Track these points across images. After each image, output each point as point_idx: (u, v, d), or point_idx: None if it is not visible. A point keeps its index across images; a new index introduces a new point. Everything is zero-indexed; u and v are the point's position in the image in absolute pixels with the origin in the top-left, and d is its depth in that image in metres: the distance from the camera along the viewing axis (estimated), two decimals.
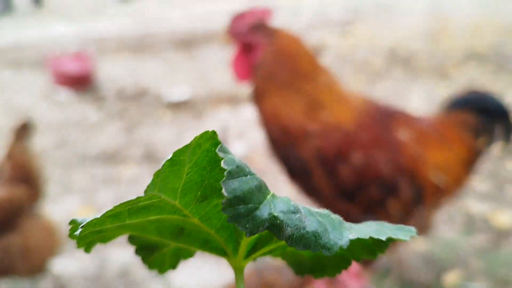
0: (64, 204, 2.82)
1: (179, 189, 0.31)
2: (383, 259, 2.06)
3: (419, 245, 2.14)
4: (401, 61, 5.92)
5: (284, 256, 0.39)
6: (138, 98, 5.23)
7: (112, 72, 6.59)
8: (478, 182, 2.69)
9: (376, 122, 1.54)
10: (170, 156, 0.31)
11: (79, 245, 0.35)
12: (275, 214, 0.30)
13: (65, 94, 5.45)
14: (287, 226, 0.29)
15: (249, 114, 4.21)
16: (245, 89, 5.15)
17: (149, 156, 3.46)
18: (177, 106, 4.78)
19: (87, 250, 0.36)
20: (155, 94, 5.30)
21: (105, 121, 4.47)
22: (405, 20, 10.08)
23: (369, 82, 5.12)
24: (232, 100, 4.81)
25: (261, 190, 0.31)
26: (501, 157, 2.96)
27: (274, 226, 0.29)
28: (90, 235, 0.34)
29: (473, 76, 4.95)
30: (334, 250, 0.30)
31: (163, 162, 0.30)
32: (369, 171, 1.49)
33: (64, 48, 9.14)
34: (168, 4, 22.81)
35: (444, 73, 5.15)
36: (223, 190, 0.29)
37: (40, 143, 3.95)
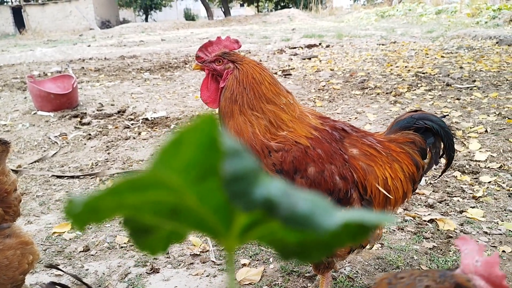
0: (42, 221, 2.72)
1: (180, 168, 0.31)
2: (345, 268, 2.06)
3: (374, 251, 2.15)
4: (359, 82, 6.03)
5: (271, 242, 0.38)
6: (116, 116, 5.14)
7: (91, 93, 6.47)
8: (428, 192, 2.74)
9: (331, 139, 1.55)
10: (172, 134, 0.30)
11: (74, 223, 0.32)
12: (270, 194, 0.29)
13: (45, 114, 5.30)
14: (281, 205, 0.29)
15: None
16: (216, 110, 5.13)
17: (127, 172, 3.38)
18: (154, 124, 4.72)
19: (81, 229, 0.34)
20: (133, 113, 5.22)
21: (84, 138, 4.36)
22: (362, 48, 10.31)
23: (331, 101, 5.18)
24: None
25: (257, 171, 0.30)
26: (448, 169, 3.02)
27: (269, 205, 0.29)
28: (86, 214, 0.32)
29: (423, 95, 5.07)
30: (325, 230, 0.29)
31: (165, 141, 0.29)
32: (323, 183, 1.49)
33: (45, 70, 8.94)
34: (146, 31, 22.75)
35: (397, 93, 5.26)
36: (223, 169, 0.29)
37: (19, 161, 3.82)
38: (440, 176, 2.16)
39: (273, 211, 0.29)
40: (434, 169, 2.61)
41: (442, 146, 1.76)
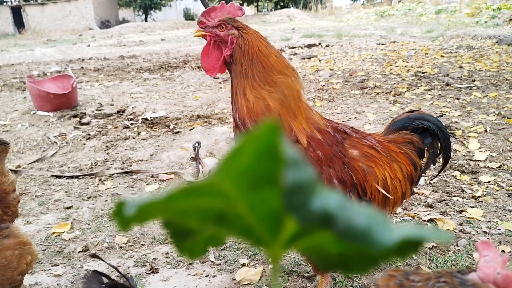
0: (41, 221, 2.72)
1: (235, 175, 0.30)
2: None
3: None
4: (358, 82, 6.02)
5: (311, 252, 0.37)
6: (115, 116, 5.14)
7: (91, 92, 6.47)
8: (427, 192, 2.73)
9: (332, 142, 1.54)
10: (236, 144, 0.30)
11: (120, 225, 0.32)
12: (328, 206, 0.29)
13: (44, 113, 5.30)
14: (338, 218, 0.29)
15: (219, 132, 4.18)
16: (216, 109, 5.11)
17: (126, 172, 3.38)
18: (153, 124, 4.72)
19: (125, 230, 0.33)
20: (132, 113, 5.22)
21: (83, 138, 4.36)
22: (362, 47, 10.30)
23: (330, 101, 5.18)
24: (203, 119, 4.77)
25: (316, 183, 0.30)
26: (444, 169, 3.02)
27: (326, 218, 0.29)
28: (133, 218, 0.32)
29: (422, 95, 5.07)
30: (382, 246, 0.29)
31: (229, 149, 0.29)
32: (324, 182, 1.49)
33: (45, 69, 8.94)
34: (145, 30, 22.74)
35: (397, 92, 5.26)
36: (283, 179, 0.29)
37: (19, 161, 3.82)
38: (437, 175, 2.18)
39: (330, 224, 0.29)
40: (434, 169, 2.60)
41: (439, 146, 1.77)
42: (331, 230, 0.29)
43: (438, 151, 1.80)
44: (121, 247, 2.37)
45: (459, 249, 2.10)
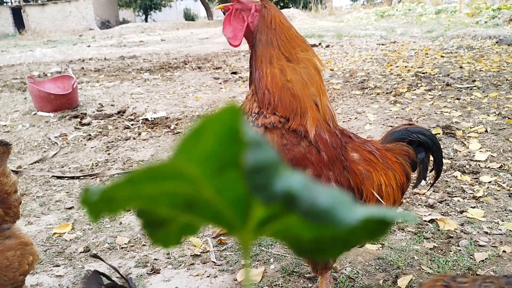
0: (43, 221, 2.72)
1: (199, 159, 0.30)
2: (346, 268, 2.05)
3: (374, 251, 2.15)
4: (358, 82, 6.03)
5: (286, 238, 0.37)
6: (116, 117, 5.14)
7: (91, 93, 6.47)
8: (428, 192, 2.74)
9: (337, 144, 1.54)
10: (194, 124, 0.29)
11: (89, 213, 0.32)
12: (291, 187, 0.29)
13: (45, 114, 5.30)
14: (301, 198, 0.29)
15: None
16: (217, 109, 5.17)
17: (127, 172, 3.38)
18: (154, 124, 4.72)
19: (95, 219, 0.33)
20: (133, 113, 5.22)
21: (84, 139, 4.36)
22: (362, 47, 10.30)
23: (331, 101, 5.17)
24: None
25: (278, 164, 0.30)
26: (448, 170, 3.02)
27: (289, 198, 0.29)
28: (102, 204, 0.32)
29: (423, 95, 5.07)
30: (346, 225, 0.29)
31: (186, 131, 0.29)
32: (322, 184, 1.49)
33: (45, 70, 8.94)
34: (145, 31, 22.75)
35: (397, 93, 5.26)
36: (245, 161, 0.28)
37: (20, 162, 3.82)
38: (429, 188, 2.22)
39: (293, 204, 0.29)
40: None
41: (432, 161, 1.82)
42: (295, 211, 0.29)
43: (431, 166, 1.85)
44: (122, 248, 2.37)
45: (460, 250, 2.10)
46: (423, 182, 2.82)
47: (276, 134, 1.47)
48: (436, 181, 1.97)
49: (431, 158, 1.85)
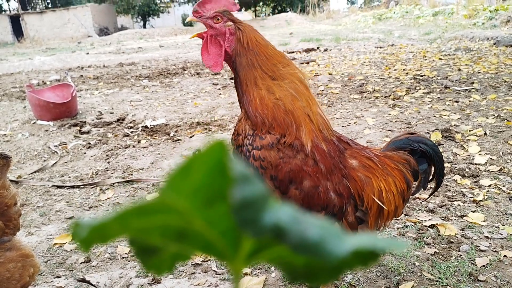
0: (43, 232, 2.72)
1: (188, 193, 0.30)
2: (347, 275, 2.05)
3: None
4: (357, 86, 6.03)
5: (279, 264, 0.37)
6: (115, 125, 5.15)
7: (90, 101, 6.48)
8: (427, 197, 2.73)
9: (334, 151, 1.55)
10: (183, 161, 0.30)
11: (81, 245, 0.33)
12: (280, 220, 0.29)
13: (44, 123, 5.31)
14: (290, 232, 0.29)
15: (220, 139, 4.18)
16: (216, 116, 5.10)
17: (127, 181, 3.38)
18: (153, 132, 4.72)
19: (87, 250, 0.34)
20: (132, 121, 5.23)
21: (84, 147, 4.36)
22: (360, 51, 10.32)
23: (330, 105, 5.19)
24: (203, 126, 4.78)
25: (267, 197, 0.30)
26: (448, 173, 3.02)
27: (278, 232, 0.29)
28: (93, 237, 0.32)
29: (421, 98, 5.08)
30: (336, 257, 0.29)
31: (176, 167, 0.30)
32: (316, 198, 1.48)
33: (44, 78, 8.95)
34: (144, 37, 22.79)
35: (396, 96, 5.27)
36: (232, 195, 0.29)
37: (19, 171, 3.82)
38: (428, 198, 2.22)
39: (283, 238, 0.29)
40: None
41: (433, 170, 1.82)
42: (284, 244, 0.29)
43: (431, 176, 1.85)
44: (123, 258, 2.37)
45: (461, 255, 2.10)
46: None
47: (273, 150, 1.47)
48: (435, 192, 1.98)
49: (433, 168, 1.85)
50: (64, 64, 11.73)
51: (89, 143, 4.47)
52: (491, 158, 3.21)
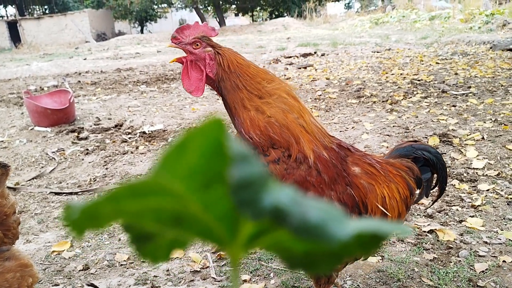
0: (41, 239, 2.71)
1: (183, 174, 0.29)
2: (346, 282, 2.05)
3: (374, 264, 2.14)
4: (354, 91, 6.05)
5: (278, 251, 0.36)
6: (113, 130, 5.14)
7: (88, 107, 6.48)
8: (427, 202, 2.74)
9: (336, 159, 1.55)
10: (177, 139, 0.28)
11: (73, 230, 0.31)
12: (280, 202, 0.28)
13: (42, 129, 5.30)
14: (291, 214, 0.28)
15: None
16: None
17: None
18: (151, 137, 4.72)
19: (79, 235, 0.32)
20: (130, 126, 5.22)
21: (82, 154, 4.35)
22: (357, 55, 10.34)
23: (328, 110, 5.19)
24: None
25: (266, 178, 0.29)
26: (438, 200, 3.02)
27: (278, 214, 0.28)
28: (85, 220, 0.31)
29: (419, 103, 5.09)
30: (338, 240, 0.28)
31: (169, 146, 0.28)
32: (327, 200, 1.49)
33: (42, 84, 8.94)
34: (141, 42, 22.81)
35: (393, 101, 5.28)
36: (230, 176, 0.28)
37: (17, 178, 3.81)
38: (431, 205, 2.23)
39: (283, 220, 0.28)
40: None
41: (435, 178, 1.83)
42: (285, 227, 0.28)
43: (434, 184, 1.86)
44: (121, 265, 2.36)
45: (460, 260, 2.10)
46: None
47: (280, 164, 1.47)
48: (438, 200, 1.98)
49: (435, 175, 1.86)
50: (61, 69, 11.73)
51: (87, 149, 4.46)
52: (489, 163, 3.22)
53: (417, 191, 1.80)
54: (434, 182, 1.85)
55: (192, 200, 0.31)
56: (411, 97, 5.40)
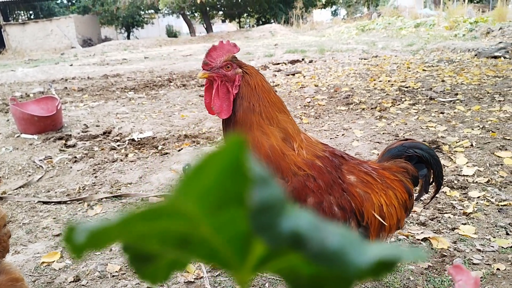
0: (30, 250, 2.65)
1: (198, 195, 0.28)
2: None
3: None
4: (343, 98, 6.08)
5: (282, 272, 0.34)
6: (102, 138, 5.08)
7: (76, 113, 6.40)
8: (419, 209, 2.75)
9: (331, 167, 1.55)
10: (197, 161, 0.27)
11: (73, 252, 0.29)
12: (299, 227, 0.27)
13: (29, 136, 5.21)
14: (310, 240, 0.27)
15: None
16: (203, 128, 5.07)
17: (115, 196, 3.32)
18: (141, 145, 4.67)
19: (78, 257, 0.30)
20: (119, 134, 5.16)
21: (70, 162, 4.29)
22: (345, 62, 10.41)
23: (317, 117, 5.21)
24: (191, 139, 4.74)
25: (285, 202, 0.28)
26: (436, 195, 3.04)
27: (297, 240, 0.27)
28: (86, 243, 0.29)
29: (407, 110, 5.13)
30: (357, 267, 0.27)
31: (190, 167, 0.27)
32: (322, 214, 1.48)
33: (28, 90, 8.81)
34: (128, 48, 22.68)
35: (382, 108, 5.32)
36: (250, 199, 0.27)
37: (4, 187, 3.73)
38: (429, 202, 2.23)
39: (301, 246, 0.27)
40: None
41: (431, 174, 1.83)
42: (302, 253, 0.27)
43: (431, 180, 1.86)
44: (113, 276, 2.32)
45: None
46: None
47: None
48: (436, 194, 1.99)
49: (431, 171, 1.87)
50: (47, 76, 11.58)
51: (75, 157, 4.39)
52: (478, 170, 3.25)
53: (416, 190, 1.80)
54: (431, 177, 1.86)
55: (203, 222, 0.29)
56: (399, 104, 5.45)
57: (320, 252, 0.27)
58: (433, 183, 1.89)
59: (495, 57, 8.49)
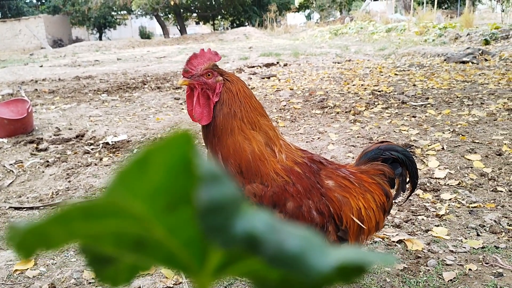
0: (2, 257, 2.57)
1: (146, 194, 0.26)
2: None
3: None
4: (318, 102, 6.15)
5: (251, 278, 0.33)
6: (75, 141, 4.98)
7: (47, 116, 6.26)
8: (394, 211, 2.81)
9: (309, 172, 1.57)
10: (137, 154, 0.25)
11: (18, 251, 0.28)
12: (254, 229, 0.25)
13: None
14: (266, 242, 0.25)
15: None
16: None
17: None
18: (115, 149, 4.61)
19: (27, 256, 0.29)
20: (92, 137, 5.08)
21: (42, 166, 4.19)
22: (319, 66, 10.52)
23: (293, 121, 5.25)
24: None
25: (239, 201, 0.26)
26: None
27: (252, 242, 0.25)
28: (33, 241, 0.28)
29: (380, 113, 5.23)
30: (318, 273, 0.25)
31: (128, 159, 0.25)
32: (301, 218, 1.51)
33: None
34: (100, 49, 22.32)
35: (356, 111, 5.40)
36: (198, 199, 0.25)
37: None
38: (405, 201, 2.28)
39: (257, 249, 0.25)
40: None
41: (407, 174, 1.88)
42: (259, 256, 0.25)
43: (407, 179, 1.91)
44: (90, 283, 2.28)
45: (429, 270, 2.16)
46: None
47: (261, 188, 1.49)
48: (411, 195, 2.04)
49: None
50: (16, 77, 11.28)
51: (47, 161, 4.29)
52: (449, 172, 3.35)
53: (393, 191, 1.85)
54: (407, 178, 1.91)
55: (155, 224, 0.28)
56: (372, 108, 5.55)
57: (278, 256, 0.25)
58: (409, 184, 1.94)
59: (464, 62, 8.75)
